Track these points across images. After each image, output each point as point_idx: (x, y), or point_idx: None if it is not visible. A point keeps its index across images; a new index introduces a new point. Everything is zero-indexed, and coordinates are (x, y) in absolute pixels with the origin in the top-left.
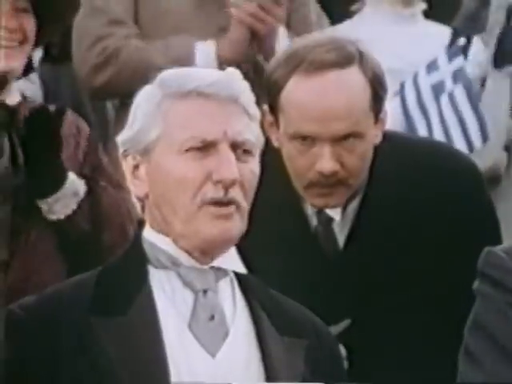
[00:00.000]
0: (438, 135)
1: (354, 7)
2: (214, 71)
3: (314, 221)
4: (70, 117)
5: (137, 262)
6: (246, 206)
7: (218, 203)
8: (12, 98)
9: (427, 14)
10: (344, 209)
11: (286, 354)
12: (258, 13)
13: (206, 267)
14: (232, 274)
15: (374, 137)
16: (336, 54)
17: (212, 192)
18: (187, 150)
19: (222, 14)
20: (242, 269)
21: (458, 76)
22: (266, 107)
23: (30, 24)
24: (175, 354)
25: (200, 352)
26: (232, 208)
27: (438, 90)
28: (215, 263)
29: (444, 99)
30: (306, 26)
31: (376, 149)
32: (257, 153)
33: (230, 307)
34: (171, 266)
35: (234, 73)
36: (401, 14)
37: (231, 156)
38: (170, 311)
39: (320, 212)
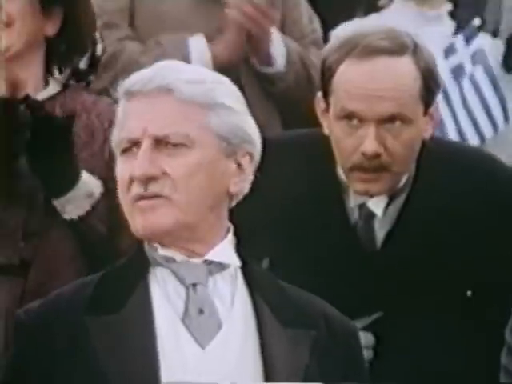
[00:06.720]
0: (463, 119)
1: (381, 2)
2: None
3: (355, 214)
4: (104, 108)
5: (139, 263)
6: (179, 197)
7: (141, 198)
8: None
9: (453, 15)
10: (387, 206)
11: (289, 346)
12: (252, 13)
13: (197, 261)
14: (235, 267)
15: (424, 129)
16: (390, 42)
17: (136, 189)
18: (123, 152)
19: (219, 15)
20: (235, 261)
21: (477, 57)
22: (319, 94)
23: (12, 5)
24: (167, 347)
25: (191, 344)
26: (156, 201)
27: (457, 73)
28: (209, 257)
29: (466, 83)
30: (297, 29)
31: (422, 149)
32: (196, 144)
33: (226, 301)
34: (165, 263)
35: (169, 63)
36: (427, 15)
37: (145, 152)
38: (166, 307)
39: (362, 206)
